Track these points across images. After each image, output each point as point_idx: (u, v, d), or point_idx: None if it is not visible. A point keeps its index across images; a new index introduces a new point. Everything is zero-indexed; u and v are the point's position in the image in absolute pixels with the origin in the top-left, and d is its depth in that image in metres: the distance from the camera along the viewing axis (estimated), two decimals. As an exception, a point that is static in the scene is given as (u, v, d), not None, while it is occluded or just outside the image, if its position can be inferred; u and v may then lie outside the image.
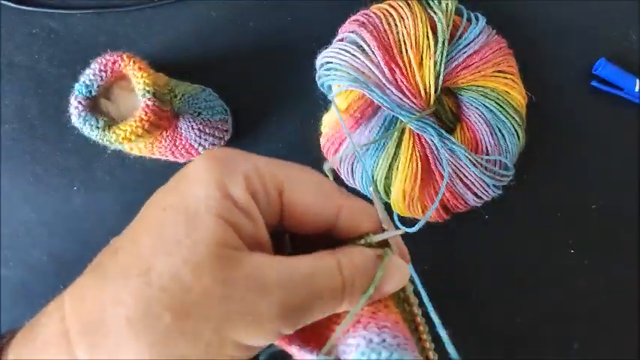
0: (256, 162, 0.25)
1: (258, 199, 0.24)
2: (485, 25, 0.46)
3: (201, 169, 0.23)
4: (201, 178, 0.23)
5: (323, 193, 0.26)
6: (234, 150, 0.25)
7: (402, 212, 0.47)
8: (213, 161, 0.24)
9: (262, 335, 0.22)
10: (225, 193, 0.23)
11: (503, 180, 0.46)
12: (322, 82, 0.47)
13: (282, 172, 0.25)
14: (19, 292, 0.50)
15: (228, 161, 0.24)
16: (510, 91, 0.45)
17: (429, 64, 0.43)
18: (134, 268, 0.21)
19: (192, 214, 0.22)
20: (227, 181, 0.23)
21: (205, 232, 0.22)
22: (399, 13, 0.45)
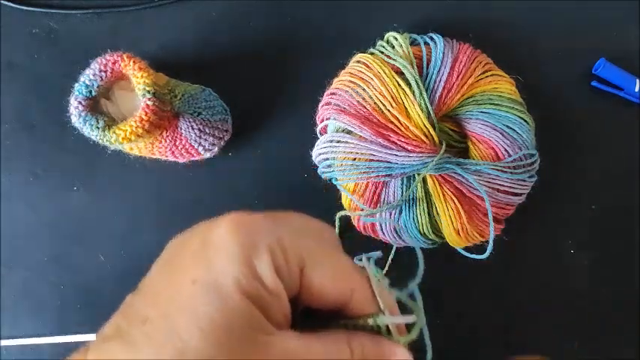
0: (281, 234, 0.24)
1: (281, 275, 0.24)
2: (444, 42, 0.46)
3: (227, 240, 0.23)
4: (229, 250, 0.23)
5: (341, 276, 0.26)
6: (259, 217, 0.25)
7: (462, 244, 0.46)
8: (239, 231, 0.23)
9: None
10: (253, 271, 0.23)
11: (534, 166, 0.45)
12: (326, 177, 0.47)
13: (304, 248, 0.25)
14: (19, 292, 0.50)
15: (255, 232, 0.24)
16: (497, 85, 0.45)
17: (415, 110, 0.43)
18: (169, 347, 0.21)
19: (224, 293, 0.22)
20: (254, 256, 0.23)
21: (238, 313, 0.22)
22: (363, 79, 0.44)
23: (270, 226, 0.25)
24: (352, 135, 0.44)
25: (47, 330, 0.50)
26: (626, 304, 0.51)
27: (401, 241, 0.47)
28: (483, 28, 0.52)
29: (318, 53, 0.51)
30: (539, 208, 0.50)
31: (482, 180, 0.44)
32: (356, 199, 0.45)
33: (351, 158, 0.44)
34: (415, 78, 0.44)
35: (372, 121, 0.43)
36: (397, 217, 0.45)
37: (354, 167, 0.44)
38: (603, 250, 0.51)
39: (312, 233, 0.27)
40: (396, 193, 0.44)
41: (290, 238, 0.24)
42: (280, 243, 0.24)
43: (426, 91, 0.44)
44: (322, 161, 0.47)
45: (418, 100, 0.43)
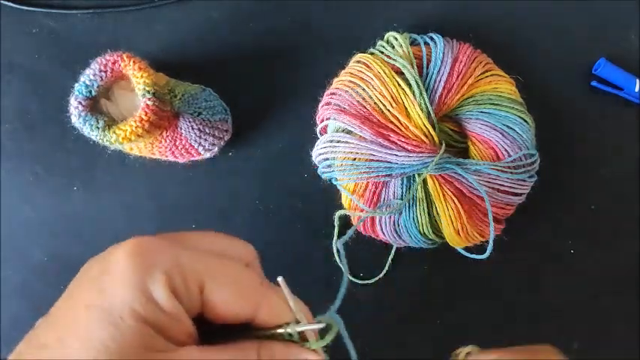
0: (178, 256, 0.25)
1: (179, 296, 0.25)
2: (444, 42, 0.46)
3: (123, 265, 0.24)
4: (124, 278, 0.23)
5: (243, 293, 0.26)
6: (154, 241, 0.25)
7: (462, 244, 0.46)
8: (134, 258, 0.24)
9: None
10: (148, 295, 0.23)
11: (534, 166, 0.46)
12: (325, 177, 0.47)
13: (203, 268, 0.25)
14: (19, 292, 0.50)
15: (150, 257, 0.24)
16: (497, 85, 0.45)
17: (415, 110, 0.43)
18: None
19: (117, 318, 0.23)
20: (149, 281, 0.24)
21: (131, 337, 0.23)
22: (363, 79, 0.44)
23: (167, 249, 0.25)
24: (352, 135, 0.44)
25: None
26: (626, 304, 0.51)
27: (401, 241, 0.47)
28: (483, 28, 0.52)
29: (318, 53, 0.51)
30: (539, 208, 0.50)
31: (482, 180, 0.44)
32: (356, 199, 0.45)
33: (351, 158, 0.44)
34: (415, 78, 0.44)
35: (372, 121, 0.43)
36: (397, 217, 0.45)
37: (354, 167, 0.44)
38: (603, 250, 0.51)
39: (215, 252, 0.27)
40: (396, 193, 0.44)
41: (188, 260, 0.25)
42: (178, 265, 0.24)
43: (426, 91, 0.44)
44: (322, 161, 0.47)
45: (418, 100, 0.43)
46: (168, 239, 0.26)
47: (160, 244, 0.25)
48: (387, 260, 0.49)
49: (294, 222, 0.51)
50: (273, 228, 0.51)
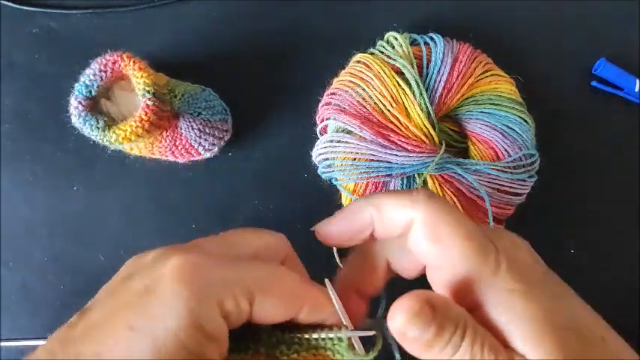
0: (228, 279, 0.24)
1: (229, 317, 0.24)
2: (444, 42, 0.46)
3: (172, 293, 0.23)
4: (172, 305, 0.23)
5: (288, 299, 0.26)
6: (203, 263, 0.24)
7: None
8: (184, 284, 0.23)
9: None
10: (195, 325, 0.23)
11: (534, 166, 0.45)
12: (325, 177, 0.47)
13: (252, 283, 0.25)
14: (19, 292, 0.50)
15: (201, 285, 0.23)
16: (497, 85, 0.45)
17: (415, 110, 0.43)
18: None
19: (160, 346, 0.22)
20: (201, 314, 0.23)
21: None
22: (363, 79, 0.44)
23: (217, 271, 0.25)
24: (352, 135, 0.44)
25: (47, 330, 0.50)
26: (627, 305, 0.51)
27: None
28: (483, 28, 0.52)
29: (318, 53, 0.51)
30: (539, 208, 0.50)
31: (482, 180, 0.44)
32: (356, 199, 0.45)
33: (351, 158, 0.44)
34: (415, 78, 0.44)
35: (372, 121, 0.43)
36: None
37: (354, 167, 0.44)
38: (603, 250, 0.51)
39: (260, 255, 0.27)
40: None
41: (238, 280, 0.25)
42: (229, 288, 0.24)
43: (426, 91, 0.44)
44: (322, 161, 0.47)
45: (418, 100, 0.43)
46: (214, 257, 0.25)
47: (209, 267, 0.24)
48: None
49: (294, 222, 0.50)
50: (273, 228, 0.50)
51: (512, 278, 0.25)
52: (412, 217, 0.26)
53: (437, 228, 0.26)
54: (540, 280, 0.26)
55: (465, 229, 0.26)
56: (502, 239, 0.27)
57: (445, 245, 0.26)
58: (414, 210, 0.26)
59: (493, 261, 0.25)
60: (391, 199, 0.28)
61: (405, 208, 0.27)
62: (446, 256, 0.26)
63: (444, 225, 0.26)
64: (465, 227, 0.26)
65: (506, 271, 0.25)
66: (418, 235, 0.26)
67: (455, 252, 0.26)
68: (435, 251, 0.26)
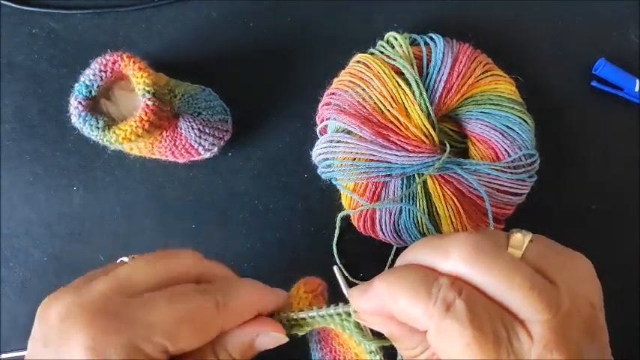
0: (134, 341, 0.26)
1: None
2: (444, 42, 0.46)
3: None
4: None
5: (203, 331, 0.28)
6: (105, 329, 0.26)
7: None
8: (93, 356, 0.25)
9: None
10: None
11: (534, 166, 0.45)
12: (325, 177, 0.47)
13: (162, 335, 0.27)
14: (19, 292, 0.50)
15: (108, 352, 0.25)
16: (497, 85, 0.45)
17: (415, 110, 0.43)
18: None
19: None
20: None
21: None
22: (363, 79, 0.44)
23: (120, 335, 0.26)
24: (352, 135, 0.44)
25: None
26: (627, 305, 0.51)
27: (401, 241, 0.47)
28: (483, 28, 0.52)
29: (318, 53, 0.51)
30: (539, 208, 0.50)
31: (482, 180, 0.44)
32: (356, 197, 0.45)
33: (351, 158, 0.44)
34: (415, 78, 0.44)
35: (372, 121, 0.43)
36: (397, 217, 0.45)
37: (353, 167, 0.44)
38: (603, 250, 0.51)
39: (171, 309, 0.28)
40: (395, 193, 0.44)
41: (145, 339, 0.26)
42: (135, 347, 0.26)
43: (426, 91, 0.44)
44: (322, 161, 0.47)
45: (418, 100, 0.43)
46: (115, 318, 0.27)
47: (112, 331, 0.26)
48: (387, 260, 0.49)
49: (294, 222, 0.51)
50: (273, 228, 0.50)
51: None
52: (427, 326, 0.27)
53: (447, 348, 0.26)
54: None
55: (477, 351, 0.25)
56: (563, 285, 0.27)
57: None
58: (428, 321, 0.26)
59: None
60: (408, 300, 0.27)
61: (420, 317, 0.27)
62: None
63: (454, 348, 0.26)
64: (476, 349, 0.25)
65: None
66: (431, 341, 0.27)
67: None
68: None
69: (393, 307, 0.28)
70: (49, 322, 0.27)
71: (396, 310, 0.28)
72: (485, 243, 0.27)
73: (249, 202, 0.51)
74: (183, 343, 0.27)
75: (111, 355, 0.25)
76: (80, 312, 0.26)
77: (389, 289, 0.28)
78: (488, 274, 0.26)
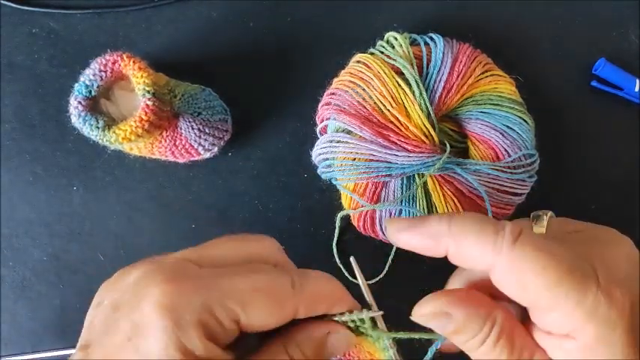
0: (207, 301, 0.25)
1: (216, 336, 0.25)
2: (444, 42, 0.46)
3: (154, 324, 0.24)
4: (157, 336, 0.24)
5: (278, 306, 0.27)
6: (182, 288, 0.25)
7: None
8: (165, 315, 0.24)
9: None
10: (183, 350, 0.24)
11: (534, 166, 0.45)
12: (325, 177, 0.47)
13: (234, 302, 0.25)
14: (19, 292, 0.50)
15: (181, 312, 0.24)
16: (497, 85, 0.45)
17: (415, 110, 0.43)
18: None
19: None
20: (182, 336, 0.24)
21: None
22: (363, 79, 0.44)
23: (195, 297, 0.25)
24: (352, 135, 0.44)
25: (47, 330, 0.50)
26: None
27: None
28: (483, 28, 0.52)
29: (318, 53, 0.51)
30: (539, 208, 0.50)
31: (482, 180, 0.44)
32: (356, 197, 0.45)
33: (351, 158, 0.44)
34: (415, 78, 0.44)
35: (372, 121, 0.43)
36: (397, 217, 0.45)
37: (353, 167, 0.44)
38: (603, 250, 0.51)
39: (247, 279, 0.27)
40: (395, 193, 0.44)
41: (220, 302, 0.25)
42: (210, 310, 0.25)
43: (426, 91, 0.44)
44: (322, 161, 0.47)
45: (418, 100, 0.43)
46: (192, 278, 0.26)
47: (187, 291, 0.25)
48: (387, 260, 0.49)
49: (294, 222, 0.51)
50: (273, 228, 0.50)
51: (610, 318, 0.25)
52: (493, 263, 0.26)
53: (521, 276, 0.26)
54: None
55: (554, 273, 0.25)
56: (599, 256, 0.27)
57: (532, 294, 0.26)
58: (495, 257, 0.26)
59: (591, 300, 0.25)
60: (472, 239, 0.27)
61: (486, 254, 0.26)
62: (534, 302, 0.26)
63: (529, 274, 0.25)
64: (554, 270, 0.25)
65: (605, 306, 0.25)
66: (501, 281, 0.27)
67: (543, 301, 0.26)
68: (523, 297, 0.27)
69: (451, 246, 0.28)
70: (122, 287, 0.27)
71: (453, 250, 0.28)
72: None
73: (249, 202, 0.51)
74: (256, 314, 0.26)
75: (185, 316, 0.24)
76: (156, 272, 0.26)
77: (453, 227, 0.28)
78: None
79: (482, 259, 0.27)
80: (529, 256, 0.25)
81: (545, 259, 0.25)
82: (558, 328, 0.26)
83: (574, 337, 0.25)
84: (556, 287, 0.25)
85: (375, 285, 0.50)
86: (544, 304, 0.26)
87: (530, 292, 0.26)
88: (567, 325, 0.25)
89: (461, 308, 0.27)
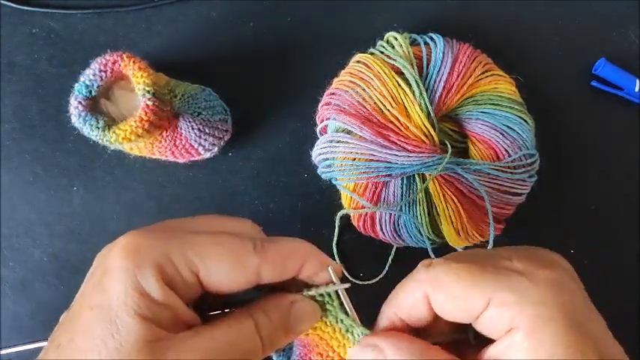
0: (167, 247, 0.27)
1: (175, 285, 0.26)
2: (444, 42, 0.46)
3: (117, 265, 0.26)
4: (118, 277, 0.26)
5: (238, 263, 0.27)
6: (146, 235, 0.27)
7: (462, 244, 0.46)
8: (126, 256, 0.26)
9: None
10: (141, 291, 0.25)
11: (534, 166, 0.45)
12: (325, 177, 0.47)
13: (193, 253, 0.27)
14: (19, 292, 0.50)
15: (140, 254, 0.26)
16: (497, 85, 0.45)
17: (415, 110, 0.43)
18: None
19: (114, 316, 0.25)
20: (140, 277, 0.26)
21: (127, 332, 0.25)
22: (363, 79, 0.44)
23: (157, 241, 0.27)
24: (352, 135, 0.44)
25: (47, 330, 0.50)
26: (626, 305, 0.51)
27: (401, 241, 0.47)
28: (483, 28, 0.52)
29: (318, 53, 0.51)
30: (539, 208, 0.50)
31: (482, 180, 0.44)
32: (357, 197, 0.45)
33: (351, 158, 0.44)
34: (415, 78, 0.43)
35: (372, 121, 0.43)
36: (397, 217, 0.45)
37: (353, 167, 0.44)
38: (603, 250, 0.51)
39: (209, 236, 0.28)
40: (395, 193, 0.44)
41: (178, 249, 0.27)
42: (167, 256, 0.26)
43: (426, 91, 0.44)
44: (322, 161, 0.47)
45: (418, 100, 0.43)
46: (160, 230, 0.28)
47: (150, 238, 0.27)
48: (387, 260, 0.49)
49: (294, 222, 0.51)
50: (273, 228, 0.50)
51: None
52: (426, 294, 0.27)
53: (445, 291, 0.27)
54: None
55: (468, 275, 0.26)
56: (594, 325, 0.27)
57: (461, 302, 0.26)
58: (422, 288, 0.27)
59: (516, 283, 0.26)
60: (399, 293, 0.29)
61: (415, 293, 0.28)
62: (469, 312, 0.27)
63: (448, 286, 0.26)
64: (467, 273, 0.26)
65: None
66: (437, 306, 0.27)
67: (474, 303, 0.26)
68: (458, 312, 0.27)
69: (398, 311, 0.29)
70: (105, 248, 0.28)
71: (401, 311, 0.29)
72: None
73: (249, 202, 0.51)
74: (215, 269, 0.27)
75: (144, 258, 0.26)
76: (133, 231, 0.28)
77: (386, 303, 0.30)
78: None
79: (416, 298, 0.28)
80: (443, 271, 0.27)
81: (457, 268, 0.26)
82: (501, 325, 0.26)
83: (517, 326, 0.25)
84: (476, 286, 0.26)
85: (375, 285, 0.50)
86: (476, 306, 0.26)
87: (460, 300, 0.26)
88: (506, 316, 0.25)
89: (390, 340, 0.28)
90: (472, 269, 0.26)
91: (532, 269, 0.26)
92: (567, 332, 0.25)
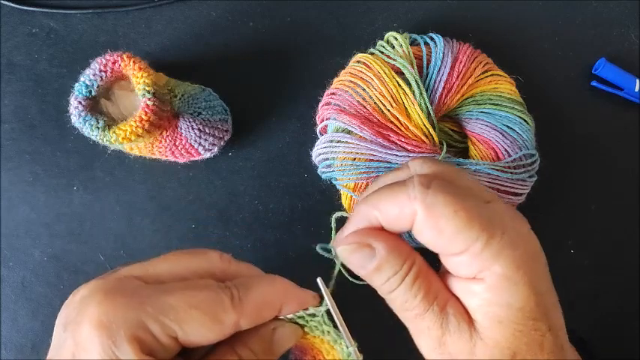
0: (143, 318, 0.26)
1: (153, 351, 0.26)
2: (444, 42, 0.46)
3: (92, 344, 0.26)
4: (95, 353, 0.25)
5: (216, 322, 0.27)
6: (117, 305, 0.27)
7: None
8: (101, 334, 0.26)
9: None
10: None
11: (534, 166, 0.45)
12: (325, 177, 0.47)
13: (172, 321, 0.27)
14: (19, 292, 0.50)
15: (115, 329, 0.26)
16: (497, 85, 0.45)
17: (415, 110, 0.43)
18: None
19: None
20: (120, 353, 0.25)
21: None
22: (363, 79, 0.44)
23: (129, 314, 0.26)
24: (352, 135, 0.44)
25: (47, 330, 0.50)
26: (627, 305, 0.51)
27: None
28: (483, 28, 0.52)
29: (318, 53, 0.51)
30: (539, 208, 0.50)
31: (482, 180, 0.44)
32: (357, 197, 0.45)
33: (351, 158, 0.44)
34: (415, 78, 0.44)
35: (372, 121, 0.43)
36: None
37: (353, 167, 0.44)
38: (603, 250, 0.51)
39: (183, 295, 0.28)
40: None
41: (154, 318, 0.26)
42: (144, 326, 0.26)
43: (426, 91, 0.44)
44: (322, 161, 0.47)
45: (418, 100, 0.43)
46: (129, 294, 0.27)
47: (121, 307, 0.26)
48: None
49: (294, 222, 0.51)
50: (273, 228, 0.51)
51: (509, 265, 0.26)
52: (414, 212, 0.27)
53: (436, 221, 0.26)
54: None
55: (465, 217, 0.26)
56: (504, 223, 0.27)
57: (445, 238, 0.26)
58: (413, 206, 0.27)
59: (497, 242, 0.26)
60: (386, 197, 0.28)
61: (404, 206, 0.27)
62: (447, 247, 0.27)
63: (442, 219, 0.26)
64: (465, 214, 0.26)
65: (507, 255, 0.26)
66: (420, 228, 0.27)
67: (455, 244, 0.26)
68: (437, 243, 0.27)
69: (379, 215, 0.28)
70: (70, 306, 0.28)
71: (383, 216, 0.28)
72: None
73: (249, 202, 0.51)
74: (192, 331, 0.27)
75: (119, 332, 0.25)
76: (98, 291, 0.27)
77: (368, 199, 0.28)
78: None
79: (403, 212, 0.27)
80: (441, 202, 0.26)
81: (457, 204, 0.26)
82: (467, 271, 0.27)
83: (482, 278, 0.26)
84: (466, 230, 0.26)
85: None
86: (455, 248, 0.26)
87: (444, 236, 0.26)
88: (475, 266, 0.26)
89: (383, 242, 0.28)
90: (470, 214, 0.26)
91: (514, 233, 0.27)
92: (527, 298, 0.26)
